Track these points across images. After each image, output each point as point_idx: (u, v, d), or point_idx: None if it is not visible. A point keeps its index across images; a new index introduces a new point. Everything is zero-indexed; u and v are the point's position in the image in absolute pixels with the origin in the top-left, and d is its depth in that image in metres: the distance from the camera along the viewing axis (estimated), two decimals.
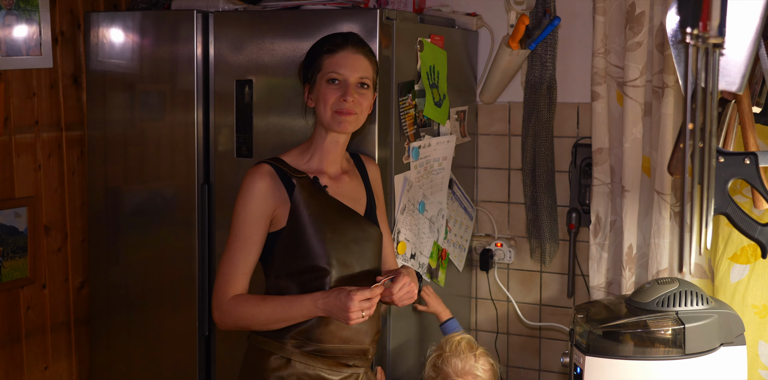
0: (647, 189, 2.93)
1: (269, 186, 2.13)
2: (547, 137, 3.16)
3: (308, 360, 2.13)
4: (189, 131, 2.84)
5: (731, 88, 1.44)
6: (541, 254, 3.23)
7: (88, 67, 3.01)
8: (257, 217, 2.12)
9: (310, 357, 2.13)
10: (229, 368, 2.90)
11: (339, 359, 2.16)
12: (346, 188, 2.24)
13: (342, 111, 2.14)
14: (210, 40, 2.81)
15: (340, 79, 2.15)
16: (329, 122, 2.16)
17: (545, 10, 3.09)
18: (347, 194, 2.23)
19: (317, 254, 2.11)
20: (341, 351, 2.15)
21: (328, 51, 2.17)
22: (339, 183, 2.23)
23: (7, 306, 2.99)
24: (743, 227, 1.62)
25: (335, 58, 2.16)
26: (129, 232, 2.99)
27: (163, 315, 2.94)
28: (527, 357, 3.40)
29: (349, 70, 2.15)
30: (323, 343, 2.13)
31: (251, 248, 2.12)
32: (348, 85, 2.15)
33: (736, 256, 2.64)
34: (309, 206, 2.12)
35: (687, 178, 1.44)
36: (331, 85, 2.15)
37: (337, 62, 2.15)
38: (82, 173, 3.19)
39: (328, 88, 2.15)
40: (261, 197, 2.12)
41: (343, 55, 2.16)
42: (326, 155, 2.22)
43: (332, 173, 2.23)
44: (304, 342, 2.13)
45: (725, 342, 2.27)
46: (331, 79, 2.15)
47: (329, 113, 2.15)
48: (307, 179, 2.16)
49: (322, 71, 2.17)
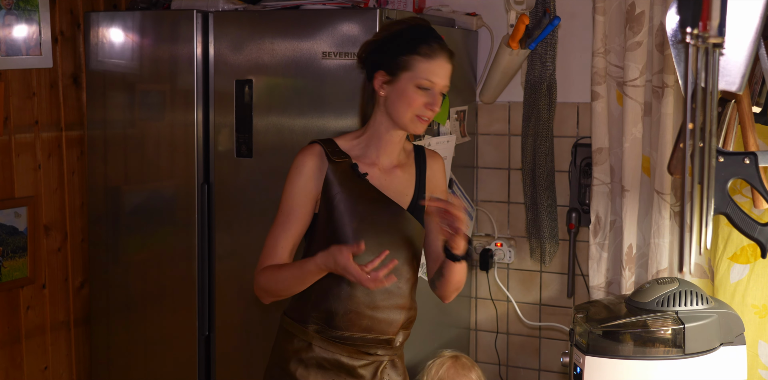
0: (647, 189, 2.93)
1: (317, 166, 2.11)
2: (547, 136, 3.16)
3: (328, 345, 2.13)
4: (189, 130, 2.84)
5: (731, 88, 1.44)
6: (541, 254, 3.23)
7: (88, 67, 3.01)
8: (302, 195, 2.11)
9: (330, 342, 2.13)
10: (229, 368, 2.90)
11: (360, 347, 2.14)
12: (394, 182, 2.19)
13: (423, 116, 2.10)
14: (210, 40, 2.81)
15: (431, 88, 2.09)
16: (406, 123, 2.10)
17: (545, 9, 3.09)
18: (393, 188, 2.18)
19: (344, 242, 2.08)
20: (362, 340, 2.14)
21: (426, 55, 2.08)
22: (388, 176, 2.18)
23: (7, 306, 2.99)
24: (743, 226, 1.62)
25: (432, 65, 2.09)
26: (129, 232, 2.99)
27: (163, 315, 2.94)
28: (527, 356, 3.40)
29: (441, 79, 2.10)
30: (343, 331, 2.13)
31: (293, 224, 2.11)
32: (436, 95, 2.10)
33: (735, 256, 2.64)
34: (340, 191, 2.10)
35: (687, 178, 1.44)
36: (419, 90, 2.08)
37: (434, 71, 2.08)
38: (82, 173, 3.19)
39: (416, 92, 2.08)
40: (307, 176, 2.11)
41: (439, 64, 2.09)
42: (385, 146, 2.16)
43: (385, 165, 2.18)
44: (324, 327, 2.13)
45: (725, 342, 2.27)
46: (422, 86, 2.08)
47: (410, 115, 2.09)
48: (346, 164, 2.13)
49: (412, 73, 2.08)
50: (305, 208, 2.12)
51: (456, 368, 2.68)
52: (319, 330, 2.14)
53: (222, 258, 2.88)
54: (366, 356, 2.16)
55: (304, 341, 2.15)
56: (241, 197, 2.83)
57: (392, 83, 2.10)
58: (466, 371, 2.71)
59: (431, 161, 2.28)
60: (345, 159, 2.13)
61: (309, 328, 2.15)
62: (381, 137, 2.16)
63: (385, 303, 2.14)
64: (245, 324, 2.87)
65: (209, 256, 2.88)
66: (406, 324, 2.20)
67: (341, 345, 2.13)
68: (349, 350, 2.14)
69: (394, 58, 2.10)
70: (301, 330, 2.15)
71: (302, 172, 2.12)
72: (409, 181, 2.22)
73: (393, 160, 2.19)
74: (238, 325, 2.88)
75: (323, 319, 2.13)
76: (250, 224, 2.82)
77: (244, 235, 2.82)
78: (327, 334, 2.13)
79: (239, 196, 2.84)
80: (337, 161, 2.12)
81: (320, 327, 2.14)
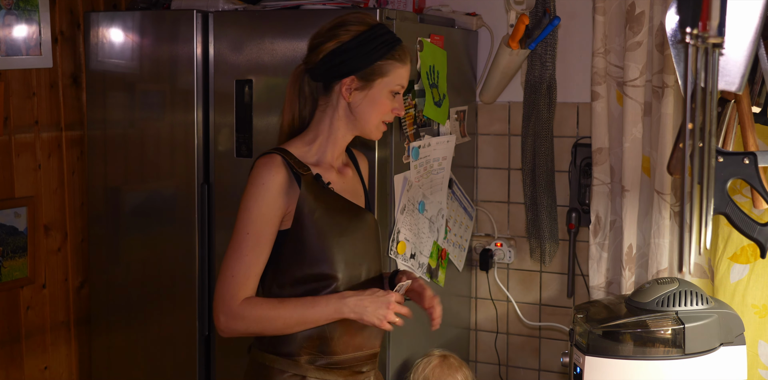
0: (647, 189, 2.93)
1: (285, 180, 1.95)
2: (546, 136, 3.16)
3: (323, 374, 2.01)
4: (189, 130, 2.84)
5: (731, 88, 1.43)
6: (541, 254, 3.23)
7: (87, 67, 3.01)
8: (271, 214, 1.94)
9: (325, 370, 2.01)
10: (228, 368, 2.90)
11: (353, 368, 2.05)
12: (349, 183, 2.11)
13: (386, 122, 2.04)
14: (210, 40, 2.81)
15: (400, 92, 2.03)
16: (371, 129, 2.02)
17: (545, 9, 3.09)
18: (350, 189, 2.10)
19: (324, 261, 1.97)
20: (355, 360, 2.05)
21: (400, 59, 2.01)
22: (344, 177, 2.09)
23: (7, 306, 2.99)
24: (742, 227, 1.62)
25: (404, 69, 2.02)
26: (129, 232, 2.99)
27: (163, 315, 2.94)
28: (527, 356, 3.40)
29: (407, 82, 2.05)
30: (338, 355, 2.02)
31: (264, 247, 1.95)
32: (400, 98, 2.04)
33: (735, 256, 2.64)
34: (316, 208, 1.97)
35: (686, 178, 1.44)
36: (391, 96, 2.02)
37: (403, 75, 2.02)
38: (82, 173, 3.19)
39: (388, 98, 2.01)
40: (276, 192, 1.94)
41: (407, 68, 2.03)
42: (339, 150, 2.07)
43: (338, 166, 2.09)
44: (317, 356, 2.00)
45: (725, 342, 2.27)
46: (394, 91, 2.02)
47: (376, 121, 2.01)
48: (309, 176, 1.98)
49: (387, 79, 1.99)
50: (274, 228, 1.95)
51: (442, 367, 2.67)
52: (311, 361, 2.00)
53: (222, 258, 2.87)
54: (359, 375, 2.06)
55: (297, 375, 1.99)
56: (240, 197, 2.83)
57: (364, 89, 1.99)
58: (452, 371, 2.71)
59: (361, 158, 2.22)
60: (308, 172, 1.98)
61: (300, 360, 2.00)
62: (336, 142, 2.04)
63: None
64: None
65: (209, 256, 2.88)
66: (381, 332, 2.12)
67: (336, 370, 2.02)
68: (344, 374, 2.03)
69: (369, 64, 1.98)
70: (291, 364, 2.00)
71: (270, 188, 1.93)
72: (355, 178, 2.15)
73: (341, 161, 2.11)
74: None
75: (316, 348, 2.00)
76: None
77: None
78: (321, 362, 2.01)
79: (239, 196, 2.83)
80: (303, 174, 1.96)
81: (313, 356, 2.00)
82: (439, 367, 2.70)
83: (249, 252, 1.94)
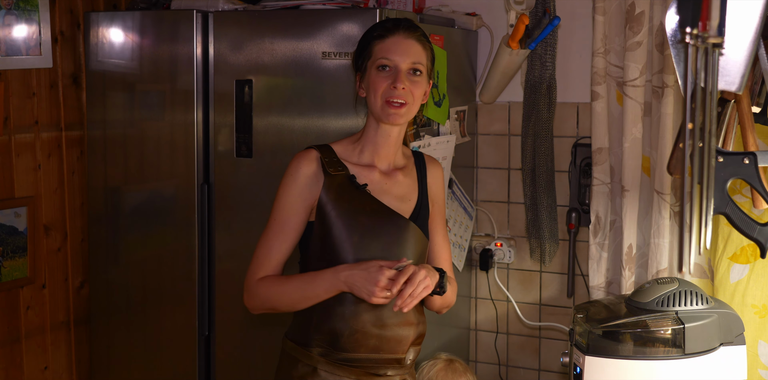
0: (647, 189, 2.93)
1: (313, 173, 2.02)
2: (546, 136, 3.16)
3: (335, 369, 2.01)
4: (189, 130, 2.84)
5: (731, 88, 1.43)
6: (541, 254, 3.23)
7: (87, 67, 3.01)
8: (297, 204, 2.02)
9: (336, 366, 2.01)
10: (228, 368, 2.90)
11: (368, 369, 2.02)
12: (396, 186, 2.10)
13: (392, 100, 2.01)
14: (210, 40, 2.81)
15: (391, 66, 2.01)
16: (379, 113, 2.02)
17: (545, 9, 3.09)
18: (396, 193, 2.09)
19: (336, 259, 2.00)
20: (370, 361, 2.02)
21: (379, 37, 2.04)
22: (390, 180, 2.09)
23: (7, 306, 2.99)
24: (742, 226, 1.62)
25: (386, 43, 2.03)
26: (129, 232, 2.99)
27: (163, 315, 2.94)
28: (527, 356, 3.40)
29: (400, 56, 2.01)
30: (349, 352, 2.01)
31: (288, 234, 2.03)
32: (399, 72, 2.01)
33: (735, 256, 2.64)
34: (338, 205, 2.01)
35: (686, 178, 1.44)
36: (382, 73, 2.01)
37: (387, 48, 2.02)
38: (82, 173, 3.20)
39: (378, 75, 2.02)
40: (304, 184, 2.02)
41: (393, 41, 2.02)
42: (378, 148, 2.08)
43: (384, 168, 2.09)
44: (329, 350, 2.01)
45: (725, 342, 2.27)
46: (381, 66, 2.02)
47: (380, 102, 2.01)
48: (343, 176, 2.03)
49: (372, 58, 2.04)
50: (300, 216, 2.04)
51: (447, 371, 2.67)
52: (323, 353, 2.02)
53: (222, 258, 2.88)
54: (375, 378, 2.03)
55: (309, 366, 2.02)
56: (241, 197, 2.83)
57: (364, 79, 2.07)
58: (456, 375, 2.70)
59: (431, 167, 2.21)
60: (341, 171, 2.04)
61: (313, 352, 2.02)
62: (373, 139, 2.08)
63: (393, 321, 2.03)
64: (245, 324, 2.87)
65: (209, 256, 2.88)
66: (416, 340, 2.10)
67: (348, 367, 2.01)
68: (357, 372, 2.01)
69: (360, 55, 2.08)
70: (305, 353, 2.03)
71: (297, 179, 2.03)
72: (411, 186, 2.14)
73: (391, 163, 2.11)
74: (238, 325, 2.88)
75: (327, 341, 2.01)
76: (250, 224, 2.82)
77: (244, 235, 2.82)
78: (332, 357, 2.01)
79: (239, 196, 2.84)
80: (333, 174, 2.03)
81: (325, 349, 2.02)
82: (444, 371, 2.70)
83: (273, 237, 2.05)
